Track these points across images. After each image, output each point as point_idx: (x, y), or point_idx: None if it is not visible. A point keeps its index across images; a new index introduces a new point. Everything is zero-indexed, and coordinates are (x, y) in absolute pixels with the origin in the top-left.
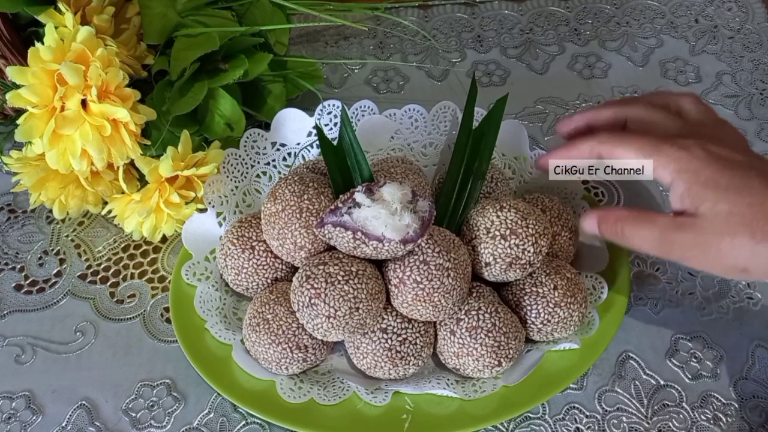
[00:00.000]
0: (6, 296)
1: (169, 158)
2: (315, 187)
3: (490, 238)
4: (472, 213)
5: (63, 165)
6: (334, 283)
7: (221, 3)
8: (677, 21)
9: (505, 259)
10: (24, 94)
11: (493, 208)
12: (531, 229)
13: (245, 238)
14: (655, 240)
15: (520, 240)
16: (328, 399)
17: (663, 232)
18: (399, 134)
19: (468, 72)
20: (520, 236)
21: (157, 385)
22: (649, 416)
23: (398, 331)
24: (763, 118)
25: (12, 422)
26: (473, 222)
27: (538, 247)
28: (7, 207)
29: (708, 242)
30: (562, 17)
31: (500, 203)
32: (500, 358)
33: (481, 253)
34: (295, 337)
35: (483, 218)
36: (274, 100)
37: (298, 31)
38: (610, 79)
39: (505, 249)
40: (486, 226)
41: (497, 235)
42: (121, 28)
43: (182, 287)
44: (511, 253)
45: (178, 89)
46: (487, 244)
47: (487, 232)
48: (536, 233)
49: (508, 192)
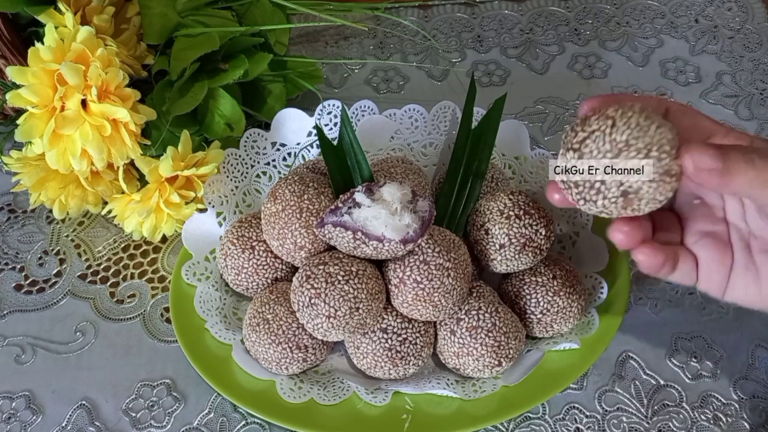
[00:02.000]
0: (6, 296)
1: (169, 158)
2: (315, 187)
3: (504, 218)
4: (482, 201)
5: (63, 165)
6: (335, 283)
7: (221, 3)
8: (677, 21)
9: (519, 239)
10: (24, 94)
11: (504, 192)
12: (543, 212)
13: (245, 238)
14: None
15: (534, 220)
16: (328, 399)
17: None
18: (399, 134)
19: (468, 72)
20: (534, 216)
21: (157, 385)
22: (649, 416)
23: (398, 331)
24: (763, 118)
25: (12, 422)
26: (485, 207)
27: (549, 231)
28: (7, 207)
29: None
30: (562, 17)
31: (510, 189)
32: (500, 358)
33: (496, 234)
34: (295, 337)
35: (496, 202)
36: (274, 100)
37: (298, 31)
38: (610, 79)
39: (520, 228)
40: (499, 208)
41: (512, 215)
42: (121, 28)
43: (182, 287)
44: (525, 233)
45: (178, 89)
46: (503, 225)
47: (501, 213)
48: (547, 216)
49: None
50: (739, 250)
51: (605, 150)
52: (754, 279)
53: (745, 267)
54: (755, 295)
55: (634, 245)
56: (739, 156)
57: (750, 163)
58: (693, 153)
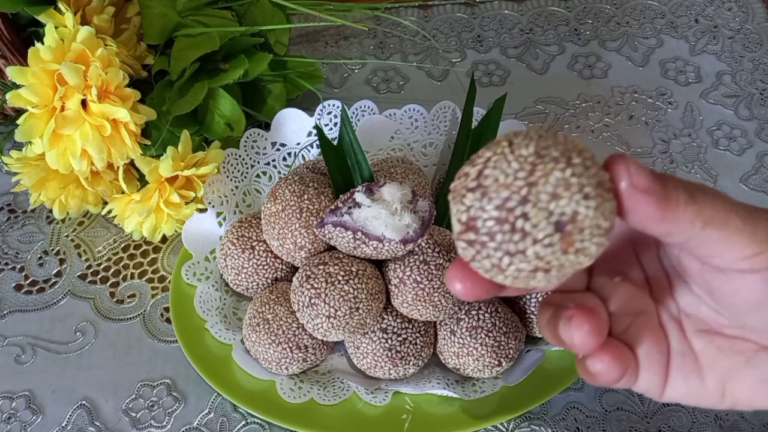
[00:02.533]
0: (6, 296)
1: (169, 158)
2: (315, 187)
3: None
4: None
5: (63, 165)
6: (335, 283)
7: (221, 3)
8: (677, 21)
9: None
10: (24, 94)
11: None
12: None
13: (245, 238)
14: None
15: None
16: (328, 399)
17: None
18: (399, 134)
19: (468, 72)
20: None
21: (157, 385)
22: (649, 416)
23: (398, 331)
24: (763, 118)
25: (12, 422)
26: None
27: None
28: (7, 207)
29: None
30: (562, 17)
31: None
32: (500, 358)
33: None
34: (295, 337)
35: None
36: (274, 100)
37: (298, 31)
38: (610, 79)
39: None
40: None
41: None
42: (121, 28)
43: (182, 287)
44: None
45: (178, 89)
46: None
47: None
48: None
49: None
50: (673, 333)
51: (514, 170)
52: (693, 368)
53: (682, 354)
54: (698, 389)
55: (594, 346)
56: (678, 185)
57: (691, 197)
58: (629, 164)
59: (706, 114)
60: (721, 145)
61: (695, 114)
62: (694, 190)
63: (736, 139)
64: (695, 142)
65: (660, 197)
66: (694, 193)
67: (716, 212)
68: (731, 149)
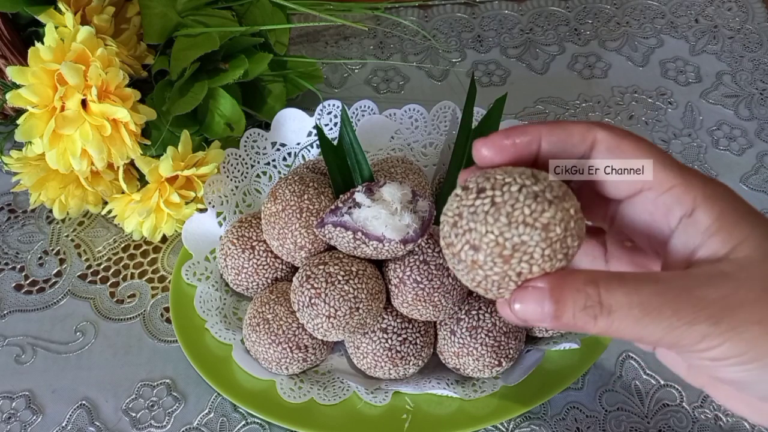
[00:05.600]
0: (6, 296)
1: (169, 158)
2: (315, 187)
3: None
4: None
5: (63, 165)
6: (335, 282)
7: (221, 3)
8: (677, 21)
9: None
10: (24, 94)
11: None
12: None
13: (245, 238)
14: (655, 311)
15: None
16: (328, 399)
17: (667, 292)
18: (399, 134)
19: (468, 72)
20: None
21: (157, 385)
22: (649, 416)
23: (398, 331)
24: (763, 118)
25: (12, 422)
26: None
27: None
28: (7, 207)
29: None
30: (562, 17)
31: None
32: (500, 358)
33: None
34: (295, 337)
35: None
36: (274, 100)
37: (298, 31)
38: (610, 79)
39: None
40: None
41: None
42: (121, 28)
43: (182, 287)
44: None
45: (178, 89)
46: None
47: None
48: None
49: None
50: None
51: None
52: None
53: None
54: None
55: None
56: (614, 283)
57: (628, 296)
58: (517, 297)
59: (706, 114)
60: (721, 145)
61: (695, 114)
62: (641, 282)
63: (736, 139)
64: (695, 142)
65: (554, 316)
66: (640, 287)
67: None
68: (731, 149)
